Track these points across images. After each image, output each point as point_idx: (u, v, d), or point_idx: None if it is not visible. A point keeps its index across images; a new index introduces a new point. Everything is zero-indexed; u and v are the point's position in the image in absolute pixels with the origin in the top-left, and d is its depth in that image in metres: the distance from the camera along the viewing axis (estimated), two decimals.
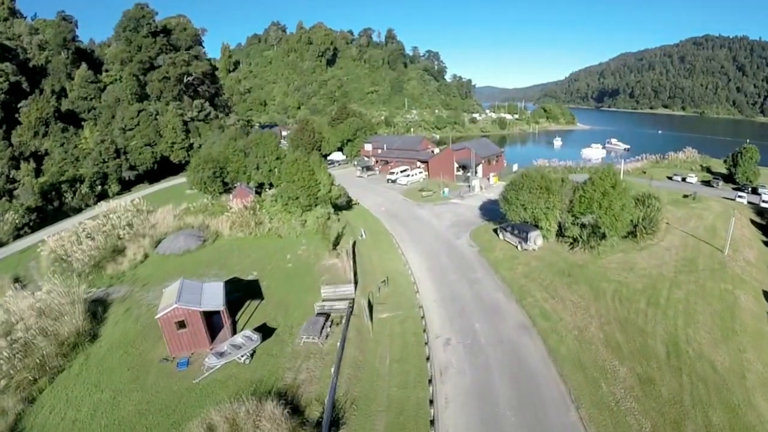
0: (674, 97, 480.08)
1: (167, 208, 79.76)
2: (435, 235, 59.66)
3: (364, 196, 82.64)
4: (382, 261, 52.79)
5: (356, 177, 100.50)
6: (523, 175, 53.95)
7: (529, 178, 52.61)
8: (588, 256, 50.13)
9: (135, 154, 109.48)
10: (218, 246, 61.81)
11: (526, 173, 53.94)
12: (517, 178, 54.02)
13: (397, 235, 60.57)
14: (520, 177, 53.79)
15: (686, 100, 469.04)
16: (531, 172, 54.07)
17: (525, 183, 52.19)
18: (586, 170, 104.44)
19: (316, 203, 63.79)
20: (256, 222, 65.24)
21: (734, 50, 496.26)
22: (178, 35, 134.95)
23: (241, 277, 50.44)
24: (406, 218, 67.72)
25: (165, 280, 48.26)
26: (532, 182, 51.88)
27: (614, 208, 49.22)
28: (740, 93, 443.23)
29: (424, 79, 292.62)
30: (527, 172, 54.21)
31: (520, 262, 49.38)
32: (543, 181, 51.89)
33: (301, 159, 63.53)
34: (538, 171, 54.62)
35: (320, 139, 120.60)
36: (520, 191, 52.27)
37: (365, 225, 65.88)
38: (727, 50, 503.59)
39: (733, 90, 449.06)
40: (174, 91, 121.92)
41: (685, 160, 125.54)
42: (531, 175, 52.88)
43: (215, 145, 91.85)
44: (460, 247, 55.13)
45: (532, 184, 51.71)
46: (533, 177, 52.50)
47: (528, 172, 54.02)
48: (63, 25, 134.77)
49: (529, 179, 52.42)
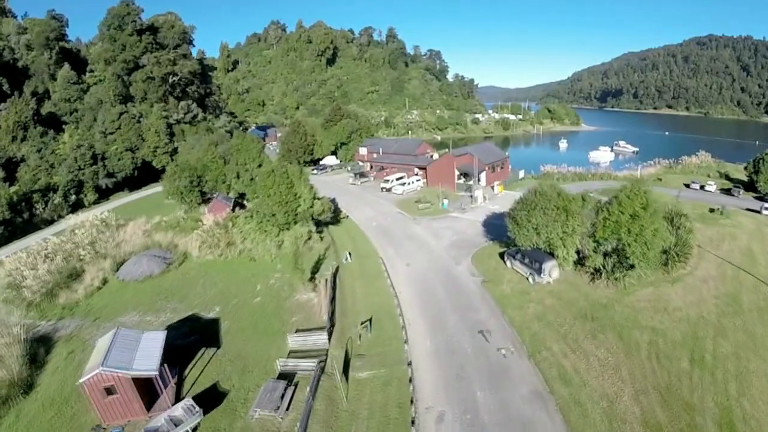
0: (678, 97, 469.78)
1: (139, 222, 72.16)
2: (431, 260, 50.62)
3: (355, 208, 73.73)
4: (367, 294, 43.92)
5: (349, 184, 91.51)
6: (536, 192, 44.28)
7: (544, 196, 43.18)
8: (612, 290, 41.19)
9: (114, 159, 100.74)
10: (184, 271, 53.50)
11: (540, 190, 44.27)
12: (530, 197, 44.39)
13: (387, 260, 51.58)
14: (534, 195, 44.21)
15: (690, 100, 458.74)
16: (545, 187, 44.43)
17: (538, 202, 42.78)
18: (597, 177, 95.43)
19: (296, 221, 54.99)
20: (228, 242, 56.60)
21: (738, 50, 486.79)
22: (165, 33, 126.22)
23: (200, 315, 42.30)
24: (400, 236, 58.67)
25: (119, 313, 42.94)
26: (547, 201, 42.51)
27: (645, 235, 40.14)
28: (745, 93, 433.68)
29: (425, 78, 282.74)
30: (541, 188, 44.48)
31: (532, 299, 40.38)
32: (561, 201, 42.55)
33: (278, 170, 54.61)
34: (553, 187, 44.73)
35: (313, 142, 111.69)
36: (533, 212, 42.84)
37: (352, 245, 57.12)
38: (731, 50, 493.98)
39: (738, 90, 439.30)
40: (158, 92, 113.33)
41: (700, 164, 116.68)
42: (546, 193, 43.38)
43: (194, 151, 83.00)
44: (460, 276, 46.10)
45: (547, 203, 42.38)
46: (548, 195, 43.08)
47: (542, 189, 44.28)
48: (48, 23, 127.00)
49: (543, 198, 43.02)
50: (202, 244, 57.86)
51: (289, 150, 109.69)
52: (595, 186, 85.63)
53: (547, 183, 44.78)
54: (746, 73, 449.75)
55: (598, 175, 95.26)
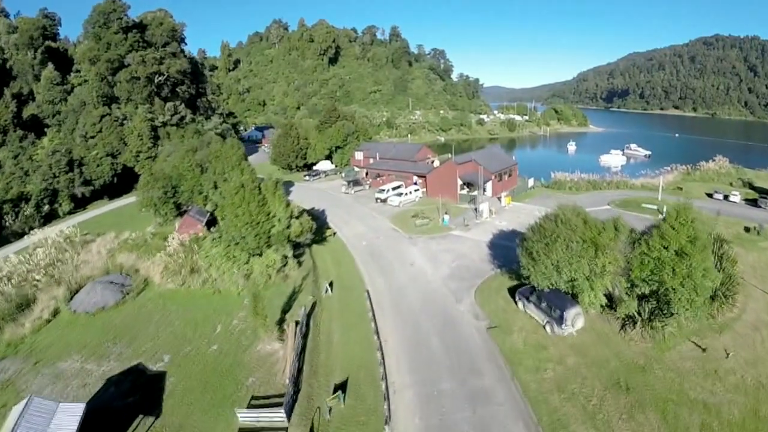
0: (685, 97, 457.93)
1: (107, 239, 64.96)
2: (427, 295, 41.77)
3: (345, 222, 64.97)
4: (346, 343, 35.26)
5: (341, 193, 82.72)
6: (558, 219, 34.94)
7: (567, 224, 33.96)
8: (649, 344, 32.42)
9: (92, 166, 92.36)
10: (141, 303, 45.58)
11: (562, 217, 34.87)
12: (549, 225, 35.07)
13: (375, 293, 42.79)
14: (554, 223, 34.92)
15: (697, 101, 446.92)
16: (568, 213, 35.09)
17: (561, 232, 33.73)
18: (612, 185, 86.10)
19: (269, 244, 46.33)
20: (191, 268, 48.17)
21: (745, 50, 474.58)
22: (153, 31, 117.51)
23: (147, 366, 34.51)
24: (392, 261, 49.76)
25: (62, 356, 36.63)
26: (571, 232, 33.40)
27: (694, 277, 31.22)
28: (752, 94, 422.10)
29: (429, 78, 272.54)
30: (563, 214, 35.02)
31: (551, 357, 31.57)
32: (588, 231, 33.38)
33: (248, 185, 45.90)
34: (578, 212, 35.27)
35: (306, 145, 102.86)
36: (553, 245, 33.78)
37: (336, 271, 48.45)
38: (738, 50, 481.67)
39: (745, 91, 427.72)
40: (143, 92, 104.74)
41: (719, 170, 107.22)
42: (569, 221, 34.07)
43: (171, 158, 74.43)
44: (460, 319, 37.25)
45: (571, 234, 33.29)
46: (573, 223, 33.79)
47: (564, 215, 34.87)
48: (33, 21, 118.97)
49: (566, 227, 33.85)
50: (165, 269, 49.77)
51: (281, 154, 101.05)
52: (611, 196, 76.86)
53: (569, 208, 35.41)
54: (753, 73, 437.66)
55: (614, 184, 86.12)
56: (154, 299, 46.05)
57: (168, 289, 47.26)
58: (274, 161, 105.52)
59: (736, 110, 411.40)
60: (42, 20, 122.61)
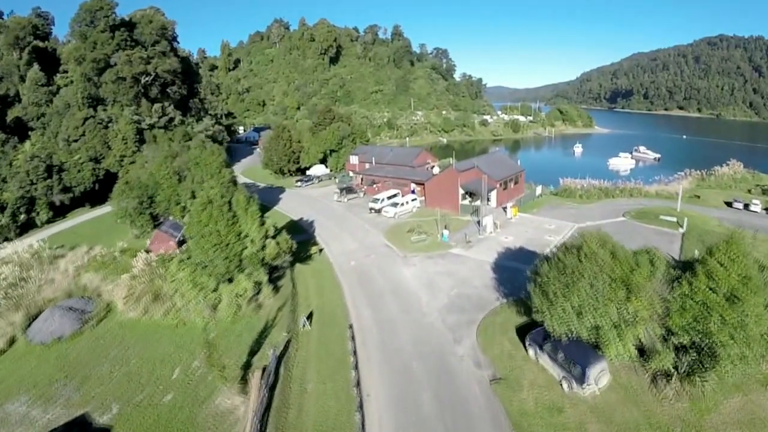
0: (689, 98, 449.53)
1: (78, 253, 59.36)
2: (420, 332, 35.36)
3: (334, 237, 58.60)
4: (321, 396, 28.96)
5: (334, 201, 76.35)
6: (580, 251, 27.76)
7: (592, 259, 27.01)
8: (686, 403, 26.06)
9: (73, 171, 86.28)
10: (99, 333, 39.95)
11: (586, 249, 27.62)
12: (570, 260, 27.81)
13: (360, 329, 36.43)
14: (576, 256, 27.79)
15: (702, 101, 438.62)
16: (593, 245, 27.84)
17: (585, 270, 26.87)
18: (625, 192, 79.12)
19: (241, 268, 40.06)
20: (155, 294, 42.02)
21: (750, 50, 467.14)
22: (142, 29, 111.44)
23: (92, 417, 29.08)
24: (382, 287, 43.31)
25: (9, 396, 32.25)
26: (597, 268, 26.65)
27: (748, 327, 24.73)
28: (757, 94, 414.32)
29: (431, 78, 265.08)
30: (587, 245, 27.73)
31: (568, 424, 25.18)
32: (619, 268, 26.67)
33: (216, 200, 39.61)
34: (604, 242, 28.23)
35: (299, 149, 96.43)
36: (575, 285, 26.92)
37: (317, 299, 42.11)
38: (742, 50, 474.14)
39: (750, 91, 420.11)
40: (129, 93, 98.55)
41: (733, 176, 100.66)
42: (595, 254, 27.12)
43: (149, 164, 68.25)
44: (458, 367, 30.84)
45: (597, 271, 26.59)
46: (599, 258, 26.92)
47: (589, 246, 27.54)
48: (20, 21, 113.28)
49: (591, 262, 26.92)
50: (129, 294, 43.63)
51: (272, 158, 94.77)
52: (625, 205, 70.35)
53: (594, 235, 28.57)
54: (758, 74, 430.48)
55: (627, 191, 79.35)
56: (114, 330, 40.44)
57: (129, 318, 41.51)
58: (266, 165, 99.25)
59: (740, 111, 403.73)
60: (35, 19, 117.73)
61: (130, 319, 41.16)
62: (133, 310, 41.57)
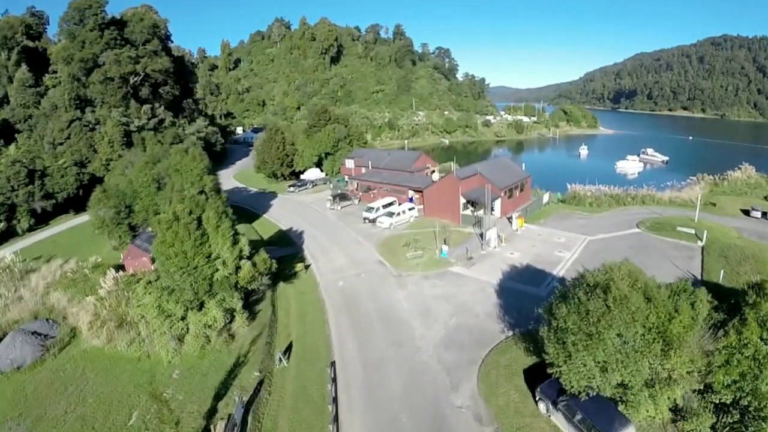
0: (693, 98, 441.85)
1: (53, 266, 53.79)
2: (412, 373, 30.06)
3: (323, 250, 53.31)
4: None
5: (327, 209, 71.10)
6: (608, 292, 21.73)
7: (622, 303, 21.23)
8: None
9: (56, 176, 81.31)
10: (60, 363, 35.11)
11: (615, 291, 21.62)
12: (595, 304, 21.78)
13: (343, 369, 31.19)
14: (602, 300, 21.74)
15: (706, 102, 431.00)
16: (623, 282, 22.16)
17: (613, 318, 21.08)
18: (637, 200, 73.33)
19: (211, 293, 34.90)
20: (120, 321, 36.97)
21: (754, 51, 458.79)
22: (133, 27, 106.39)
23: None
24: (371, 314, 37.95)
25: None
26: (628, 314, 21.00)
27: None
28: (761, 95, 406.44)
29: (433, 77, 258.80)
30: (616, 284, 21.92)
31: None
32: (654, 314, 21.08)
33: (183, 217, 34.43)
34: (635, 276, 22.67)
35: (293, 151, 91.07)
36: (600, 336, 21.23)
37: (298, 328, 36.94)
38: (746, 50, 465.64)
39: (754, 92, 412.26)
40: (117, 94, 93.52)
41: (747, 181, 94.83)
42: (625, 297, 21.29)
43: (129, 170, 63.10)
44: (456, 423, 25.51)
45: (627, 318, 21.03)
46: (630, 300, 21.16)
47: (619, 287, 21.97)
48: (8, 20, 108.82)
49: (622, 309, 21.09)
50: (95, 318, 38.60)
51: (264, 161, 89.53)
52: (638, 214, 64.95)
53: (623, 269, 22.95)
54: (762, 74, 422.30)
55: (639, 198, 73.68)
56: (75, 360, 35.53)
57: (93, 346, 36.46)
58: (258, 169, 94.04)
59: (745, 111, 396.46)
60: (29, 19, 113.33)
61: (94, 348, 36.28)
62: (97, 337, 36.62)
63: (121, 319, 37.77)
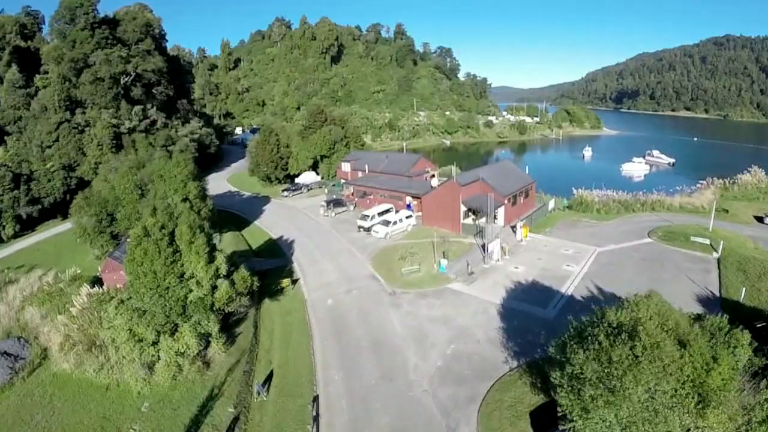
0: (696, 99, 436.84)
1: (32, 278, 50.56)
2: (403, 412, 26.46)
3: (313, 263, 49.60)
4: None
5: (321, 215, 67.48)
6: (635, 337, 17.79)
7: (651, 347, 17.33)
8: None
9: (43, 181, 78.05)
10: (29, 388, 31.87)
11: (644, 336, 17.68)
12: (619, 351, 17.64)
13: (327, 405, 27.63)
14: (628, 345, 17.73)
15: (709, 102, 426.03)
16: (651, 323, 18.27)
17: (641, 370, 17.10)
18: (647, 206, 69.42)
19: (185, 316, 31.38)
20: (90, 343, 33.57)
21: (756, 51, 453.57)
22: (125, 26, 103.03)
23: None
24: (361, 339, 34.21)
25: None
26: (660, 368, 17.23)
27: None
28: (764, 95, 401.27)
29: (435, 77, 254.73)
30: (645, 325, 18.05)
31: None
32: (689, 363, 17.12)
33: (154, 232, 30.89)
34: (665, 316, 18.86)
35: (287, 154, 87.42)
36: (625, 391, 17.22)
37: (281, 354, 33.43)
38: (749, 50, 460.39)
39: (757, 92, 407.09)
40: (107, 95, 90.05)
41: (758, 185, 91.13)
42: (653, 342, 17.50)
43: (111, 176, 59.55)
44: None
45: (657, 363, 17.10)
46: (662, 349, 17.42)
47: (646, 330, 17.73)
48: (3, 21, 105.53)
49: (651, 357, 17.19)
50: (66, 339, 35.16)
51: (258, 164, 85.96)
52: (648, 222, 61.24)
53: (653, 310, 19.18)
54: (765, 75, 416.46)
55: (649, 204, 69.90)
56: (44, 385, 32.20)
57: (63, 370, 32.96)
58: (252, 172, 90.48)
59: (748, 112, 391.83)
60: (23, 18, 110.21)
61: (63, 371, 32.93)
62: (68, 360, 33.21)
63: (92, 341, 34.36)
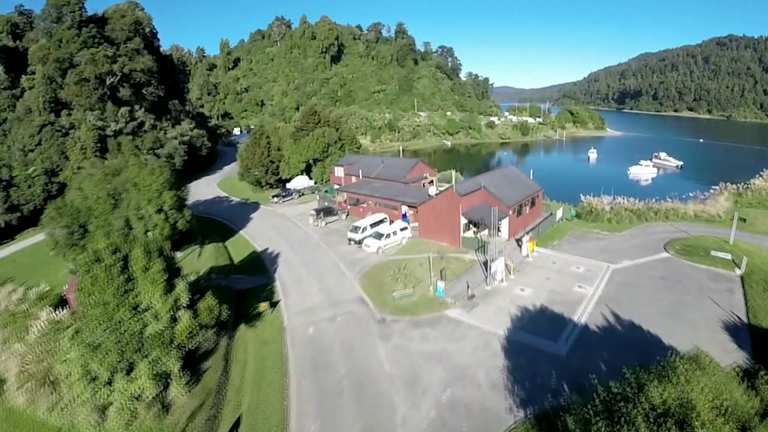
0: (699, 99, 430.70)
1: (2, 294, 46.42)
2: None
3: (297, 282, 44.72)
4: None
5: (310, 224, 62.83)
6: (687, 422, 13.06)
7: None
8: None
9: (23, 187, 73.69)
10: None
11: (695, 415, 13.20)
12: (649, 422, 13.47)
13: None
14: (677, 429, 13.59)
15: (712, 102, 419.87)
16: (694, 393, 13.68)
17: None
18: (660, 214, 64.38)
19: (141, 351, 26.84)
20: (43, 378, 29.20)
21: (760, 51, 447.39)
22: (113, 25, 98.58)
23: None
24: (342, 379, 29.34)
25: None
26: None
27: None
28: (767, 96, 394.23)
29: (436, 77, 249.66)
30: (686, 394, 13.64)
31: None
32: None
33: (105, 258, 26.34)
34: (710, 375, 14.60)
35: (279, 157, 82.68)
36: None
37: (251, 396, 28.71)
38: (752, 51, 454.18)
39: (760, 93, 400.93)
40: (93, 96, 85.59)
41: None
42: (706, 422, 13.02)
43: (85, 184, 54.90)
44: None
45: None
46: None
47: (691, 401, 13.36)
48: None
49: None
50: (22, 371, 30.85)
51: (248, 168, 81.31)
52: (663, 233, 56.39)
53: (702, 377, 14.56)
54: None
55: (662, 212, 64.62)
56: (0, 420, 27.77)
57: (16, 405, 28.74)
58: (242, 176, 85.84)
59: (751, 112, 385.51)
60: (16, 17, 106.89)
61: (16, 408, 28.77)
62: (21, 394, 28.88)
63: (46, 375, 29.99)
